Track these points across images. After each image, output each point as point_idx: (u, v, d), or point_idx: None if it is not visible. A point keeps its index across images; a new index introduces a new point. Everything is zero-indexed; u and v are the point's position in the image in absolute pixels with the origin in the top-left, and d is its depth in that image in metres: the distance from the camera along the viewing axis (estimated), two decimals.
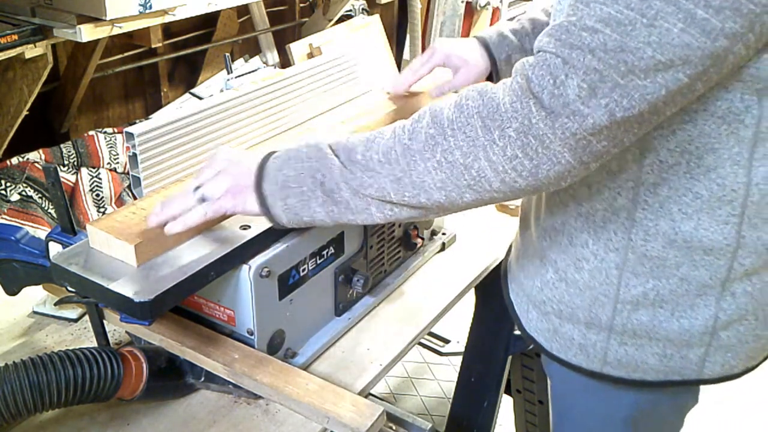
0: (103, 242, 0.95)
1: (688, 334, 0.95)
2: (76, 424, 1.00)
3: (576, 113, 0.74)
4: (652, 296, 0.94)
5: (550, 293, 1.01)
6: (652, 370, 0.99)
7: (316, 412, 0.96)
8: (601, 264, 0.95)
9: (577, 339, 1.01)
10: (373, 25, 2.95)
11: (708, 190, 0.87)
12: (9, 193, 1.88)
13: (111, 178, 2.10)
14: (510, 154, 0.77)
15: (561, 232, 0.97)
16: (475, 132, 0.78)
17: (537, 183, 0.79)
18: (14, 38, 1.62)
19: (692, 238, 0.89)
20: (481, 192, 0.81)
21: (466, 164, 0.79)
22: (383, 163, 0.84)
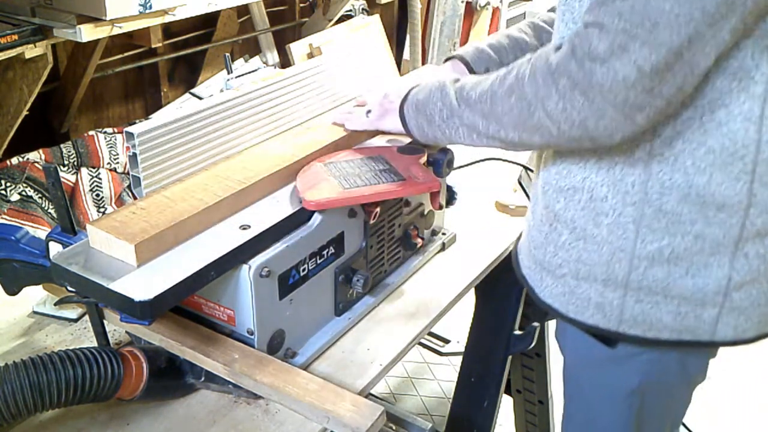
0: (103, 242, 0.95)
1: (702, 292, 0.98)
2: (76, 424, 1.00)
3: (609, 69, 0.84)
4: (667, 253, 0.97)
5: (566, 254, 1.05)
6: (667, 328, 1.01)
7: (316, 412, 0.96)
8: (619, 218, 0.99)
9: (594, 298, 1.04)
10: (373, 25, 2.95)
11: (720, 145, 0.92)
12: (9, 193, 1.88)
13: (111, 178, 2.10)
14: (561, 107, 0.89)
15: (581, 189, 1.01)
16: (537, 85, 0.91)
17: (589, 135, 0.90)
18: (14, 38, 1.62)
19: (705, 193, 0.94)
20: (546, 137, 0.94)
21: (530, 111, 0.93)
22: (477, 102, 1.02)
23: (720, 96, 0.90)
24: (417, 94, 1.14)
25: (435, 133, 1.11)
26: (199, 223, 1.01)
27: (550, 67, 0.89)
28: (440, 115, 1.08)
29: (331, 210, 1.10)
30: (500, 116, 0.98)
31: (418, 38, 3.19)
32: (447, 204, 1.41)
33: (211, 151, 1.16)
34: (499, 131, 0.99)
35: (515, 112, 0.95)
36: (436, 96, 1.09)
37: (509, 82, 0.96)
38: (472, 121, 1.03)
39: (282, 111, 1.28)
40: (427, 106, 1.10)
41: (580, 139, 0.91)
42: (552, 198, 1.06)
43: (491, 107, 0.99)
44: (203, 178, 1.10)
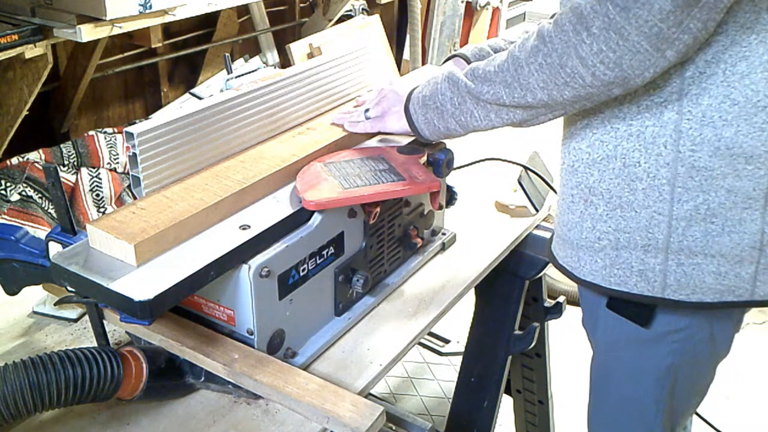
0: (102, 242, 0.95)
1: (739, 248, 1.01)
2: (76, 424, 1.00)
3: (644, 2, 0.87)
4: (703, 210, 1.00)
5: (605, 225, 1.07)
6: (710, 290, 1.03)
7: (316, 412, 0.96)
8: (653, 181, 1.01)
9: (636, 266, 1.05)
10: (373, 25, 2.95)
11: (744, 96, 0.95)
12: (9, 193, 1.88)
13: (111, 178, 2.10)
14: (596, 49, 0.91)
15: (614, 157, 1.04)
16: (567, 36, 0.93)
17: (623, 74, 0.92)
18: (14, 38, 1.62)
19: (734, 145, 0.97)
20: (577, 88, 0.95)
21: (561, 63, 0.94)
22: (497, 72, 1.03)
23: (740, 49, 0.94)
24: (422, 91, 1.15)
25: (447, 123, 1.12)
26: (199, 223, 1.01)
27: (581, 14, 0.91)
28: (452, 103, 1.09)
29: (331, 210, 1.10)
30: (527, 78, 0.99)
31: (418, 38, 3.18)
32: (447, 204, 1.41)
33: (211, 152, 1.16)
34: (525, 96, 1.00)
35: (545, 70, 0.96)
36: (443, 86, 1.10)
37: (530, 45, 0.98)
38: (493, 94, 1.03)
39: (282, 111, 1.27)
40: (436, 98, 1.11)
41: (613, 81, 0.93)
42: (584, 173, 1.08)
43: (515, 73, 1.00)
44: (203, 178, 1.10)
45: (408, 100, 1.18)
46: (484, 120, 1.08)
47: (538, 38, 0.97)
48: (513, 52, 1.01)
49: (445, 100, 1.10)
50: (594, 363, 1.24)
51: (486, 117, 1.07)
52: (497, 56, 1.05)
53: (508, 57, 1.02)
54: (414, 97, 1.17)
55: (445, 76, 1.11)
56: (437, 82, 1.13)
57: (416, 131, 1.18)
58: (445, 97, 1.10)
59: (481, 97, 1.05)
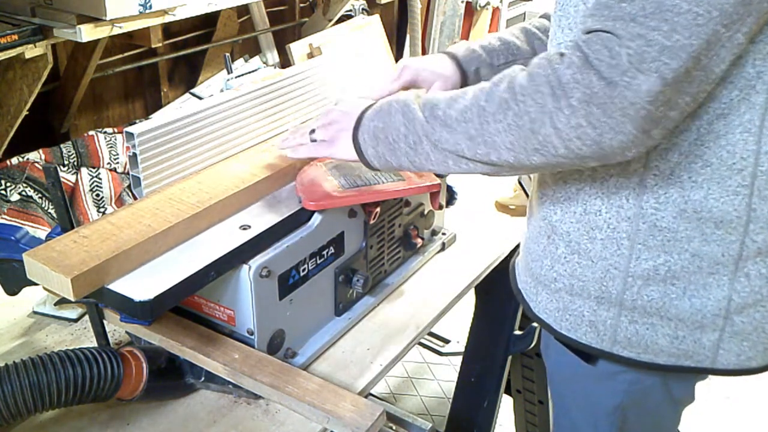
0: (40, 274, 0.90)
1: (701, 314, 0.94)
2: (76, 424, 1.00)
3: (632, 81, 0.77)
4: (663, 271, 0.94)
5: (561, 268, 1.01)
6: (663, 352, 0.98)
7: (316, 412, 0.96)
8: (613, 233, 0.95)
9: (588, 315, 1.00)
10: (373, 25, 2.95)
11: (718, 158, 0.88)
12: (9, 193, 1.88)
13: (111, 178, 2.09)
14: (574, 123, 0.80)
15: (575, 201, 0.98)
16: (543, 99, 0.82)
17: (602, 152, 0.82)
18: (14, 38, 1.61)
19: (702, 209, 0.90)
20: (548, 156, 0.85)
21: (533, 129, 0.83)
22: (460, 121, 0.90)
23: (719, 106, 0.86)
24: (373, 119, 1.00)
25: (400, 161, 0.98)
26: (146, 252, 0.96)
27: (561, 78, 0.81)
28: (406, 142, 0.95)
29: (331, 210, 1.10)
30: (492, 136, 0.87)
31: (418, 38, 3.18)
32: (447, 204, 1.41)
33: (211, 151, 1.16)
34: (488, 154, 0.88)
35: (513, 131, 0.85)
36: (397, 120, 0.96)
37: (500, 96, 0.86)
38: (453, 144, 0.91)
39: (282, 111, 1.27)
40: (389, 132, 0.97)
41: (589, 157, 0.83)
42: (549, 209, 1.02)
43: (480, 127, 0.88)
44: (154, 201, 1.04)
45: (357, 126, 1.02)
46: (440, 165, 0.95)
47: (509, 91, 0.85)
48: (479, 100, 0.88)
49: (399, 137, 0.96)
50: (550, 388, 1.21)
51: (443, 163, 0.94)
52: (461, 94, 0.92)
53: (472, 104, 0.89)
54: (365, 125, 1.01)
55: (400, 107, 0.97)
56: (390, 113, 0.97)
57: (365, 162, 1.03)
58: (399, 133, 0.96)
59: (440, 144, 0.92)
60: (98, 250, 0.92)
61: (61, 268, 0.88)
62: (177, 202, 1.04)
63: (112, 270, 0.92)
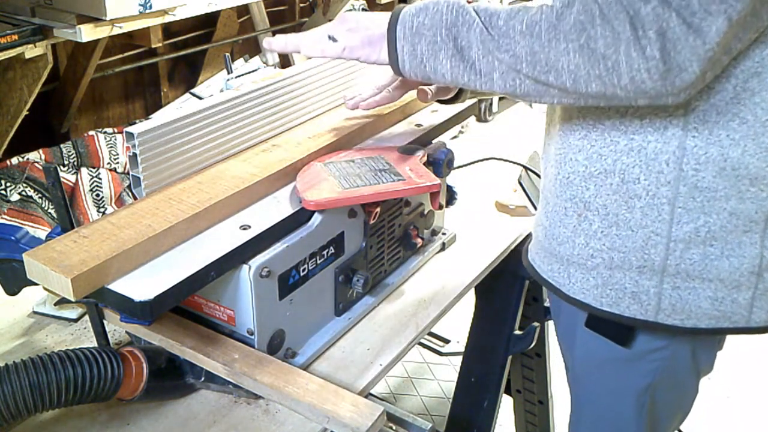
0: (40, 274, 0.90)
1: (738, 273, 0.97)
2: (76, 424, 1.00)
3: (703, 23, 0.80)
4: (703, 233, 0.95)
5: (599, 243, 1.01)
6: (705, 315, 0.99)
7: (316, 412, 0.96)
8: (653, 200, 0.96)
9: (630, 287, 1.01)
10: None
11: (753, 115, 0.90)
12: (9, 193, 1.88)
13: (111, 178, 2.10)
14: (648, 54, 0.82)
15: (612, 172, 0.98)
16: (622, 27, 0.82)
17: (663, 88, 0.84)
18: (14, 38, 1.62)
19: (740, 165, 0.92)
20: (607, 85, 0.85)
21: (605, 54, 0.84)
22: (524, 34, 0.88)
23: (752, 65, 0.89)
24: (417, 15, 0.94)
25: (438, 65, 0.93)
26: (146, 252, 0.95)
27: (640, 10, 0.81)
28: (455, 43, 0.91)
29: (331, 210, 1.10)
30: (559, 55, 0.86)
31: None
32: (447, 204, 1.41)
33: (211, 152, 1.16)
34: (547, 72, 0.87)
35: (584, 54, 0.84)
36: (449, 18, 0.92)
37: (575, 17, 0.85)
38: (512, 56, 0.88)
39: (282, 111, 1.27)
40: (437, 30, 0.92)
41: (647, 93, 0.85)
42: (580, 186, 1.02)
43: (548, 43, 0.86)
44: (155, 201, 1.04)
45: (394, 22, 0.96)
46: (484, 77, 0.92)
47: (585, 13, 0.84)
48: (549, 17, 0.86)
49: (449, 37, 0.91)
50: (571, 380, 1.21)
51: (488, 74, 0.91)
52: (521, 9, 0.89)
53: (541, 19, 0.87)
54: (405, 20, 0.95)
55: (454, 7, 0.92)
56: (440, 11, 0.93)
57: (395, 60, 0.97)
58: (449, 32, 0.91)
59: (496, 53, 0.89)
60: (98, 250, 0.92)
61: (61, 268, 0.88)
62: (177, 202, 1.04)
63: (112, 270, 0.91)
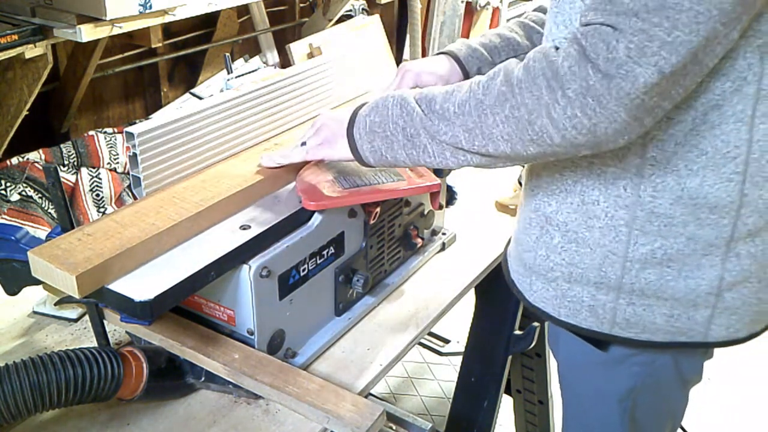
0: (44, 271, 0.90)
1: (695, 294, 0.98)
2: (76, 424, 1.00)
3: (629, 73, 0.80)
4: (659, 255, 0.97)
5: (558, 257, 1.04)
6: (660, 330, 1.02)
7: (316, 412, 0.96)
8: (611, 221, 0.98)
9: (587, 301, 1.03)
10: (373, 25, 2.95)
11: (712, 147, 0.91)
12: (9, 193, 1.88)
13: (111, 178, 2.10)
14: (570, 113, 0.83)
15: (573, 192, 1.00)
16: (539, 91, 0.85)
17: (596, 140, 0.85)
18: (14, 38, 1.61)
19: (698, 195, 0.93)
20: (544, 146, 0.88)
21: (530, 120, 0.86)
22: (458, 114, 0.92)
23: (713, 97, 0.89)
24: (369, 115, 1.01)
25: (396, 154, 0.99)
26: (150, 250, 0.96)
27: (557, 71, 0.83)
28: (404, 134, 0.97)
29: (331, 210, 1.10)
30: (490, 128, 0.90)
31: (418, 38, 3.18)
32: (447, 204, 1.41)
33: (211, 152, 1.16)
34: (486, 145, 0.91)
35: (510, 123, 0.88)
36: (395, 113, 0.98)
37: (497, 89, 0.89)
38: (451, 136, 0.94)
39: (282, 111, 1.27)
40: (386, 125, 0.99)
41: (583, 145, 0.87)
42: (543, 201, 1.04)
43: (478, 120, 0.91)
44: (158, 200, 1.05)
45: (352, 122, 1.04)
46: (438, 157, 0.97)
47: (506, 84, 0.88)
48: (476, 93, 0.91)
49: (397, 130, 0.98)
50: (560, 381, 1.22)
51: (440, 155, 0.96)
52: (458, 87, 0.95)
53: (470, 97, 0.92)
54: (359, 121, 1.02)
55: (397, 101, 0.99)
56: (387, 107, 0.99)
57: (359, 158, 1.04)
58: (396, 126, 0.98)
59: (438, 137, 0.95)
60: (102, 248, 0.92)
61: (65, 266, 0.88)
62: (180, 201, 1.04)
63: (116, 268, 0.92)
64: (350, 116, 1.04)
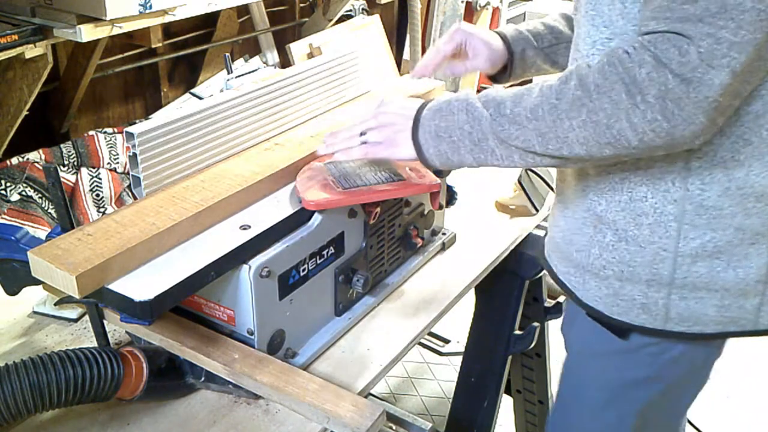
0: (44, 271, 0.90)
1: (744, 283, 1.00)
2: (76, 424, 1.00)
3: (704, 76, 0.82)
4: (710, 248, 0.98)
5: (610, 256, 1.04)
6: (712, 321, 1.02)
7: (316, 412, 0.96)
8: (660, 218, 0.99)
9: (639, 299, 1.04)
10: (373, 25, 2.95)
11: (757, 137, 0.93)
12: (9, 193, 1.88)
13: (111, 178, 2.10)
14: (650, 117, 0.85)
15: (620, 190, 1.01)
16: (619, 96, 0.86)
17: (673, 141, 0.87)
18: (14, 38, 1.61)
19: (745, 185, 0.95)
20: (620, 148, 0.89)
21: (609, 124, 0.88)
22: (531, 119, 0.93)
23: (756, 87, 0.91)
24: (433, 119, 1.02)
25: (463, 158, 1.01)
26: (150, 250, 0.96)
27: (635, 77, 0.85)
28: (471, 139, 0.98)
29: (331, 210, 1.10)
30: (566, 132, 0.91)
31: (418, 38, 3.18)
32: (447, 204, 1.41)
33: (211, 152, 1.16)
34: (560, 149, 0.93)
35: (588, 127, 0.89)
36: (461, 118, 0.99)
37: (573, 93, 0.90)
38: (523, 141, 0.94)
39: (282, 111, 1.27)
40: (452, 131, 1.00)
41: (660, 147, 0.88)
42: (593, 200, 1.05)
43: (553, 124, 0.91)
44: (158, 200, 1.05)
45: (416, 125, 1.04)
46: (505, 160, 0.98)
47: (582, 88, 0.89)
48: (549, 98, 0.92)
49: (464, 135, 0.99)
50: (565, 370, 1.23)
51: (508, 157, 0.98)
52: (526, 91, 0.95)
53: (542, 102, 0.92)
54: (424, 125, 1.03)
55: (462, 105, 0.99)
56: (453, 112, 1.00)
57: (425, 161, 1.05)
58: (463, 131, 0.99)
59: (509, 141, 0.96)
60: (103, 248, 0.92)
61: (65, 266, 0.88)
62: (180, 201, 1.04)
63: (116, 268, 0.92)
64: (414, 116, 1.05)
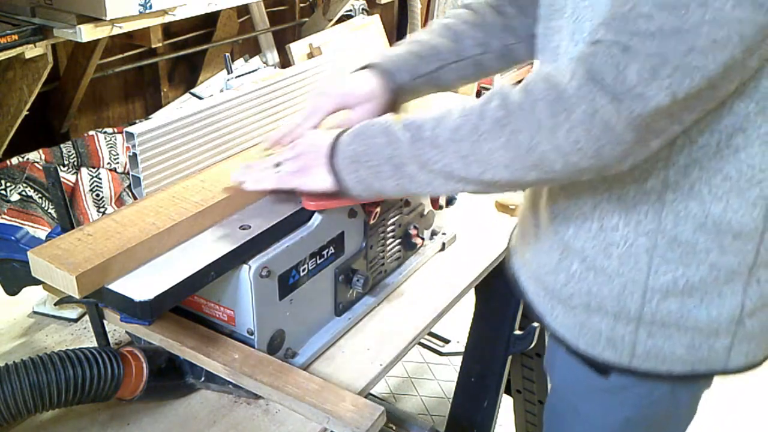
0: (44, 271, 0.90)
1: (716, 323, 0.95)
2: (76, 424, 1.00)
3: (639, 96, 0.76)
4: (681, 284, 0.93)
5: (577, 286, 0.99)
6: (680, 361, 0.98)
7: (316, 412, 0.96)
8: (631, 249, 0.94)
9: (605, 332, 0.99)
10: (373, 25, 2.95)
11: (737, 171, 0.88)
12: (9, 193, 1.88)
13: (111, 178, 2.10)
14: (574, 138, 0.80)
15: (591, 218, 0.96)
16: (541, 115, 0.81)
17: (600, 164, 0.82)
18: (14, 38, 1.62)
19: (721, 221, 0.90)
20: (546, 172, 0.84)
21: (531, 146, 0.82)
22: (451, 141, 0.88)
23: (737, 120, 0.85)
24: (351, 143, 0.97)
25: (383, 185, 0.95)
26: (150, 250, 0.96)
27: (562, 94, 0.79)
28: (390, 164, 0.93)
29: (331, 210, 1.10)
30: (487, 155, 0.85)
31: None
32: (447, 204, 1.41)
33: (211, 152, 1.16)
34: (483, 173, 0.87)
35: (510, 149, 0.83)
36: (380, 141, 0.93)
37: (493, 114, 0.84)
38: (444, 165, 0.89)
39: (282, 111, 1.27)
40: (371, 155, 0.94)
41: (587, 169, 0.83)
42: (561, 225, 1.00)
43: (473, 147, 0.86)
44: (158, 200, 1.04)
45: (333, 152, 0.98)
46: (428, 186, 0.92)
47: (503, 108, 0.84)
48: (470, 119, 0.86)
49: (383, 160, 0.93)
50: (547, 407, 1.19)
51: (430, 183, 0.92)
52: (447, 113, 0.90)
53: (463, 123, 0.87)
54: (342, 150, 0.97)
55: (381, 129, 0.94)
56: (372, 136, 0.95)
57: (344, 190, 0.99)
58: (382, 156, 0.93)
59: (429, 165, 0.90)
60: (103, 248, 0.92)
61: (65, 266, 0.88)
62: (181, 201, 1.04)
63: (116, 268, 0.92)
64: (331, 143, 0.99)
